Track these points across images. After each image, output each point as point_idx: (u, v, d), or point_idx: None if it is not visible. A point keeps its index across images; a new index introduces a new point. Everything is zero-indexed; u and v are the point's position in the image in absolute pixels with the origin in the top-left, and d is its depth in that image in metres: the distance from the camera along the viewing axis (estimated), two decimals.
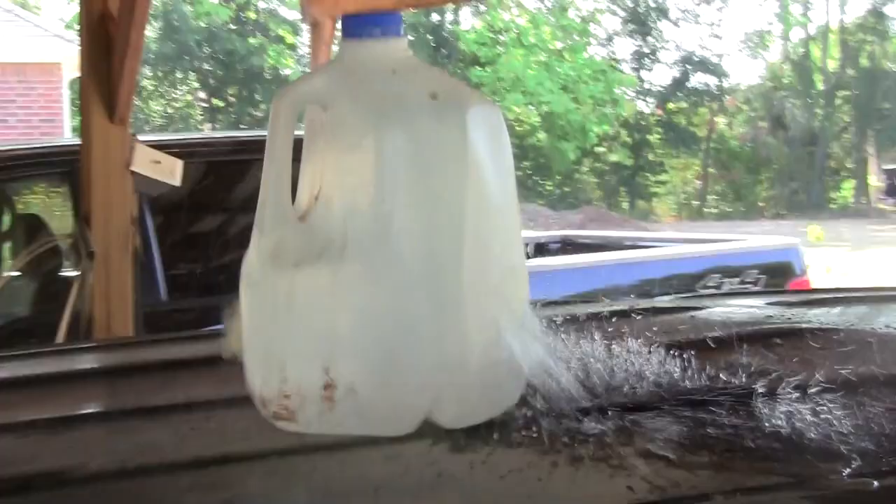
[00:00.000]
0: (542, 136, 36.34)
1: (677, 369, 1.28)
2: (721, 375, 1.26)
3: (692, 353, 1.31)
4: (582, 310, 1.69)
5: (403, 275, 1.14)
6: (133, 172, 3.73)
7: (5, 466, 1.16)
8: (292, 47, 36.32)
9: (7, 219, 6.26)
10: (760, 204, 40.30)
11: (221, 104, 37.50)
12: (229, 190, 6.17)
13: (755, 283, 6.84)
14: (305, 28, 33.93)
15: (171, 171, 3.85)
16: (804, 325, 1.56)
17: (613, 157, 40.07)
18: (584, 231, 11.59)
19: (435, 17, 37.14)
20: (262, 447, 1.15)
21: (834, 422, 1.12)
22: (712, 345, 1.42)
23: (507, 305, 1.20)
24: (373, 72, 1.18)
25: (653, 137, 41.62)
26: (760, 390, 1.20)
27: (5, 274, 5.76)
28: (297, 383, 1.15)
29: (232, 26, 36.04)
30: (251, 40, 35.77)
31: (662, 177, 41.72)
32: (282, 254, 1.15)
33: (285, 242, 1.16)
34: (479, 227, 1.16)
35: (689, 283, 6.74)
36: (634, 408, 1.18)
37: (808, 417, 1.12)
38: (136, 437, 1.24)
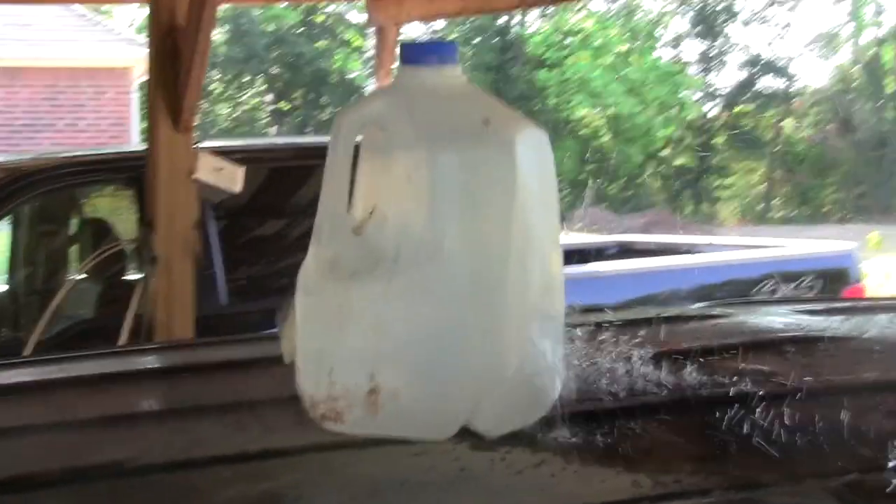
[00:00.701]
0: (606, 138, 36.23)
1: (682, 376, 1.37)
2: (721, 380, 1.35)
3: (700, 359, 1.40)
4: (607, 317, 1.77)
5: (450, 290, 1.21)
6: (196, 179, 3.87)
7: (70, 458, 1.27)
8: (359, 50, 36.48)
9: (75, 223, 6.44)
10: (826, 208, 39.86)
11: (287, 107, 37.76)
12: (291, 195, 6.30)
13: (810, 290, 6.85)
14: (373, 33, 34.11)
15: (233, 178, 3.98)
16: (817, 335, 1.64)
17: (678, 161, 39.82)
18: (640, 236, 11.61)
19: (502, 19, 37.14)
20: (301, 443, 1.25)
21: (810, 427, 1.21)
22: (720, 352, 1.50)
23: (544, 320, 1.27)
24: (429, 97, 1.26)
25: (718, 140, 41.32)
26: (755, 394, 1.28)
27: (72, 277, 5.94)
28: (345, 387, 1.22)
29: (299, 30, 36.27)
30: (318, 44, 35.97)
31: (727, 180, 41.39)
32: (338, 265, 1.24)
33: (342, 254, 1.24)
34: (522, 246, 1.23)
35: (745, 288, 6.77)
36: (633, 411, 1.27)
37: (787, 423, 1.21)
38: (188, 433, 1.35)
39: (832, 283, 6.96)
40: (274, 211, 6.20)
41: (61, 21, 19.17)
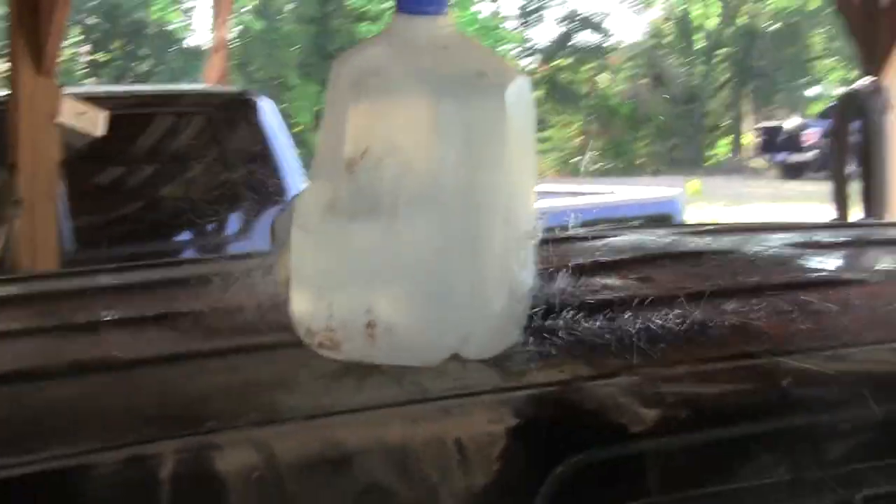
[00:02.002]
0: None
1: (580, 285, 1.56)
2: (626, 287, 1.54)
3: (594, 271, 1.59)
4: None
5: (445, 230, 1.31)
6: (59, 123, 3.90)
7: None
8: (177, 1, 35.86)
9: None
10: (640, 161, 40.94)
11: (106, 58, 36.90)
12: (132, 142, 6.31)
13: None
14: None
15: (95, 123, 4.02)
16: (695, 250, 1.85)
17: None
18: None
19: None
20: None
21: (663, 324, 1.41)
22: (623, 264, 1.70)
23: (525, 249, 1.41)
24: (426, 47, 1.35)
25: (537, 95, 41.96)
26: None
27: None
28: (343, 320, 1.32)
29: None
30: None
31: (546, 133, 42.15)
32: (337, 205, 1.32)
33: (340, 195, 1.32)
34: (510, 187, 1.36)
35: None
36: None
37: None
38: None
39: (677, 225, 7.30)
40: (117, 158, 6.20)
41: None
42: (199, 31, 37.90)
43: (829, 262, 1.76)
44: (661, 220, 7.48)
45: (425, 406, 1.22)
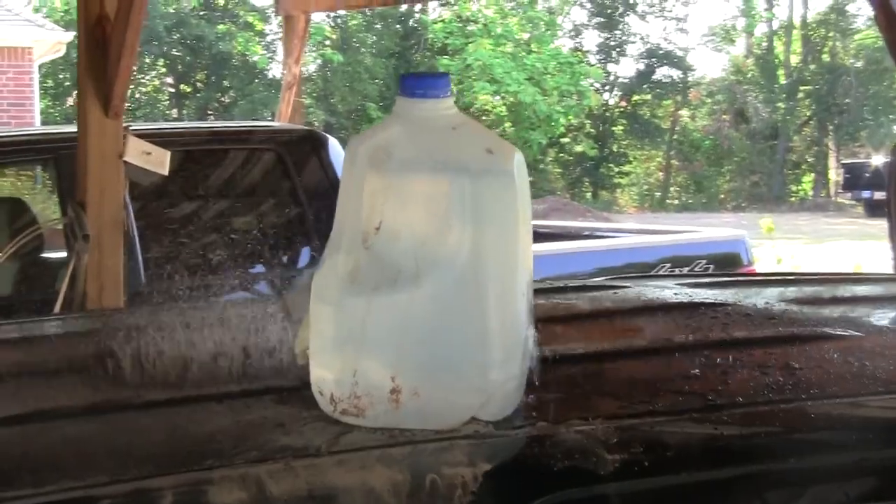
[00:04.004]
0: (508, 125, 36.59)
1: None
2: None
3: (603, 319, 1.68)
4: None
5: (465, 299, 1.38)
6: (125, 162, 4.06)
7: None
8: (261, 34, 36.38)
9: None
10: (721, 196, 40.70)
11: (189, 90, 37.54)
12: (202, 178, 6.47)
13: (703, 272, 7.19)
14: (274, 16, 33.97)
15: (161, 162, 4.18)
16: (691, 301, 1.93)
17: (578, 148, 40.35)
18: (542, 221, 11.90)
19: (404, 7, 37.27)
20: None
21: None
22: (619, 314, 1.78)
23: (529, 311, 1.47)
24: (436, 127, 1.44)
25: (617, 129, 41.96)
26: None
27: None
28: (368, 387, 1.38)
29: (201, 12, 36.06)
30: (220, 26, 35.81)
31: (626, 168, 42.08)
32: (358, 278, 1.39)
33: (360, 268, 1.39)
34: (520, 254, 1.44)
35: (642, 272, 7.09)
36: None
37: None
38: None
39: (725, 267, 7.31)
40: (188, 193, 6.36)
41: None
42: (282, 63, 38.35)
43: (818, 318, 1.82)
44: (727, 259, 7.50)
45: (405, 449, 1.31)
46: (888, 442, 1.40)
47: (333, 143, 6.76)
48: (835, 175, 40.39)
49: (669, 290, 2.07)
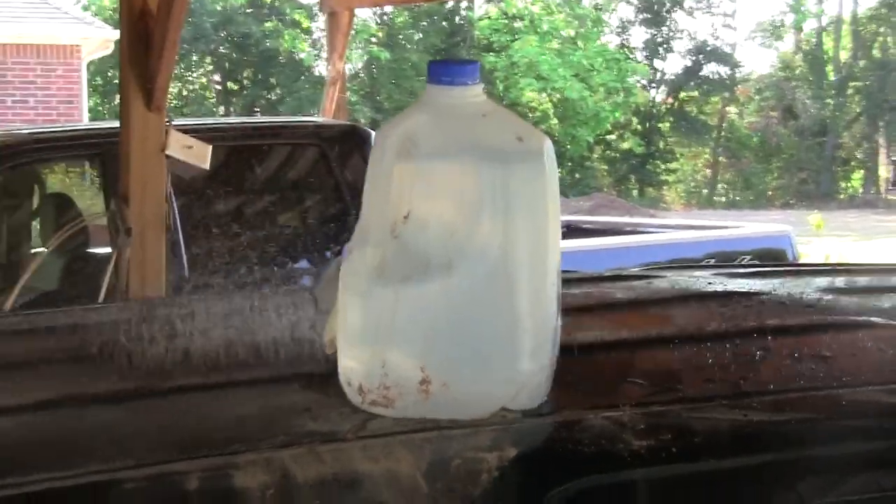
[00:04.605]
0: (554, 122, 36.54)
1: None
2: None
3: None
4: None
5: (497, 290, 1.36)
6: (167, 156, 4.08)
7: None
8: (307, 31, 36.50)
9: (37, 198, 6.61)
10: (769, 193, 40.45)
11: (236, 87, 37.74)
12: (247, 173, 6.50)
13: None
14: (320, 14, 34.05)
15: (202, 156, 4.20)
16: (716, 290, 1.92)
17: (625, 145, 40.23)
18: (587, 217, 11.87)
19: (449, 3, 37.31)
20: None
21: None
22: (651, 303, 1.77)
23: (557, 305, 1.45)
24: (465, 115, 1.42)
25: (664, 126, 41.78)
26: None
27: (36, 251, 6.12)
28: (398, 378, 1.36)
29: (248, 10, 36.23)
30: (267, 24, 35.97)
31: (672, 165, 41.88)
32: (386, 269, 1.38)
33: (388, 258, 1.38)
34: (550, 243, 1.42)
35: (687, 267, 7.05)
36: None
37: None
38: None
39: (769, 261, 7.26)
40: (232, 188, 6.39)
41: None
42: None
43: (855, 306, 1.80)
44: (773, 255, 7.46)
45: (430, 434, 1.31)
46: None
47: None
48: (885, 172, 40.03)
49: (704, 280, 2.06)
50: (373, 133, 6.90)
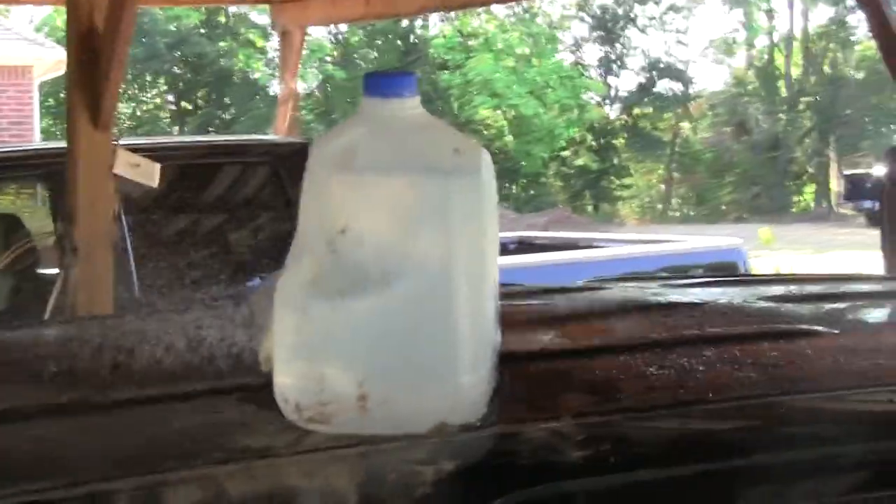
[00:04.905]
0: (509, 139, 36.67)
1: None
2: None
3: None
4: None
5: (433, 303, 1.35)
6: (115, 174, 4.07)
7: None
8: (262, 51, 36.46)
9: None
10: (723, 208, 40.73)
11: (190, 107, 37.62)
12: (198, 192, 6.47)
13: None
14: (275, 33, 34.02)
15: (150, 174, 4.18)
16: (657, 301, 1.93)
17: (579, 161, 40.41)
18: (539, 232, 11.90)
19: (404, 22, 37.37)
20: None
21: None
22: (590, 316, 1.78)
23: (495, 318, 1.44)
24: (402, 127, 1.40)
25: (618, 142, 42.01)
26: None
27: None
28: (334, 394, 1.34)
29: (202, 29, 36.15)
30: (221, 43, 35.90)
31: (627, 180, 42.11)
32: (321, 283, 1.36)
33: (323, 272, 1.36)
34: (487, 256, 1.41)
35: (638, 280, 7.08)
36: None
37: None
38: None
39: (718, 274, 7.30)
40: (183, 207, 6.36)
41: None
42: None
43: (797, 315, 1.82)
44: (724, 268, 7.50)
45: (368, 448, 1.30)
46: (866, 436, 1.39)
47: None
48: (836, 186, 40.40)
49: (648, 291, 2.07)
50: None
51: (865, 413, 1.46)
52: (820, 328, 1.68)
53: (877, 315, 2.01)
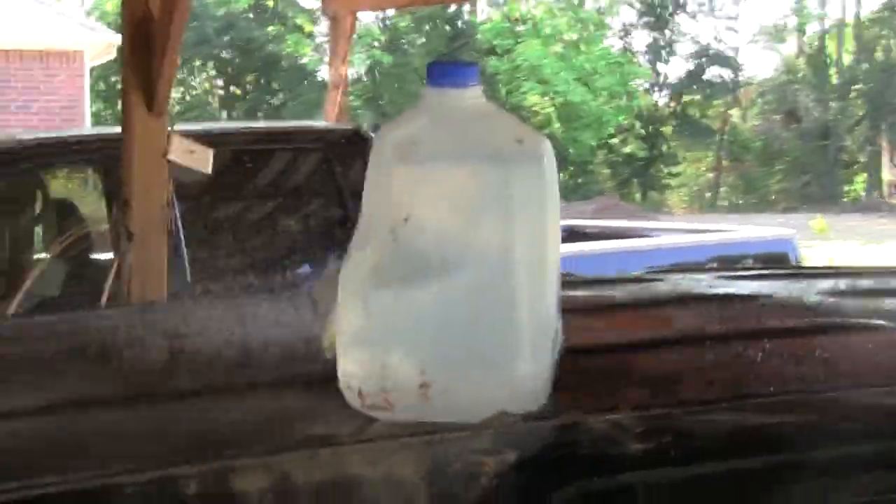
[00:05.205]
0: (557, 126, 36.56)
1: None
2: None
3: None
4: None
5: (494, 293, 1.36)
6: (169, 160, 4.09)
7: None
8: (310, 36, 36.55)
9: (39, 204, 6.62)
10: (772, 196, 40.46)
11: (238, 92, 37.78)
12: (249, 178, 6.50)
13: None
14: (324, 18, 34.07)
15: (205, 161, 4.21)
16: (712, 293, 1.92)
17: (627, 149, 40.26)
18: (589, 220, 11.87)
19: (451, 7, 37.34)
20: None
21: None
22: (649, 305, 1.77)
23: (556, 308, 1.44)
24: (464, 117, 1.42)
25: (667, 129, 41.80)
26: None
27: (41, 256, 6.13)
28: (397, 382, 1.36)
29: (250, 14, 36.27)
30: (269, 28, 36.01)
31: (675, 168, 41.90)
32: (382, 271, 1.38)
33: (385, 261, 1.38)
34: (549, 245, 1.41)
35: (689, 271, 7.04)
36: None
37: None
38: None
39: (772, 265, 7.26)
40: (235, 193, 6.40)
41: (12, 4, 19.16)
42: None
43: (855, 309, 1.80)
44: (775, 259, 7.46)
45: (432, 437, 1.31)
46: None
47: None
48: (888, 175, 40.03)
49: (705, 283, 2.07)
50: (374, 137, 6.90)
51: None
52: (881, 323, 1.68)
53: None
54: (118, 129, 4.40)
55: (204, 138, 4.74)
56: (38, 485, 1.20)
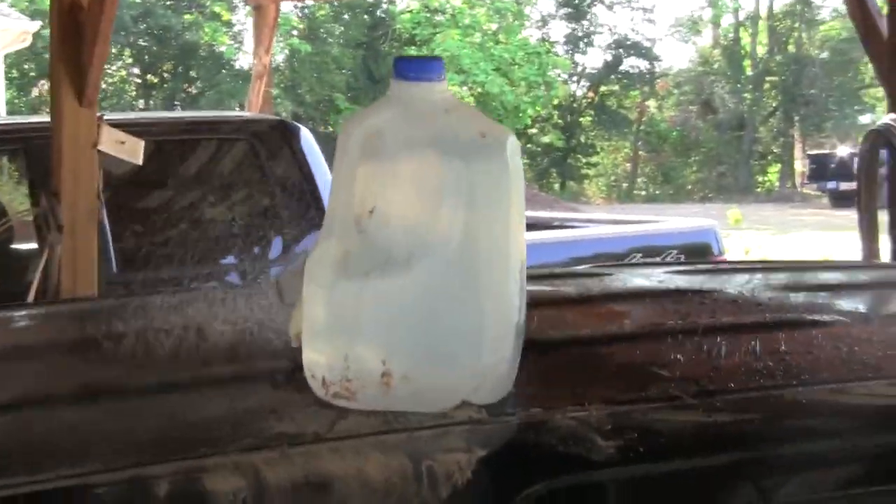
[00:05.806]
0: None
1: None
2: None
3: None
4: None
5: (458, 285, 1.38)
6: (99, 151, 4.05)
7: None
8: (228, 24, 36.21)
9: None
10: (689, 187, 40.89)
11: (155, 80, 37.34)
12: (174, 168, 6.44)
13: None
14: (241, 6, 33.82)
15: (135, 151, 4.17)
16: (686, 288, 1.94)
17: (545, 139, 40.42)
18: None
19: None
20: None
21: None
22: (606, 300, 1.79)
23: (522, 294, 1.47)
24: (430, 110, 1.44)
25: (585, 120, 42.05)
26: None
27: None
28: (359, 371, 1.38)
29: (168, 2, 35.86)
30: (187, 16, 35.63)
31: (593, 159, 42.18)
32: (349, 262, 1.39)
33: (352, 252, 1.39)
34: (512, 238, 1.43)
35: (613, 262, 7.08)
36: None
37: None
38: None
39: (695, 257, 7.31)
40: (158, 183, 6.33)
41: None
42: (250, 53, 38.23)
43: (806, 304, 1.84)
44: (698, 249, 7.51)
45: (400, 436, 1.31)
46: (878, 427, 1.41)
47: (305, 134, 6.74)
48: (800, 166, 40.62)
49: (655, 278, 2.09)
50: (301, 128, 6.87)
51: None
52: (831, 318, 1.71)
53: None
54: (39, 119, 4.36)
55: (132, 128, 4.70)
56: (8, 485, 1.19)
